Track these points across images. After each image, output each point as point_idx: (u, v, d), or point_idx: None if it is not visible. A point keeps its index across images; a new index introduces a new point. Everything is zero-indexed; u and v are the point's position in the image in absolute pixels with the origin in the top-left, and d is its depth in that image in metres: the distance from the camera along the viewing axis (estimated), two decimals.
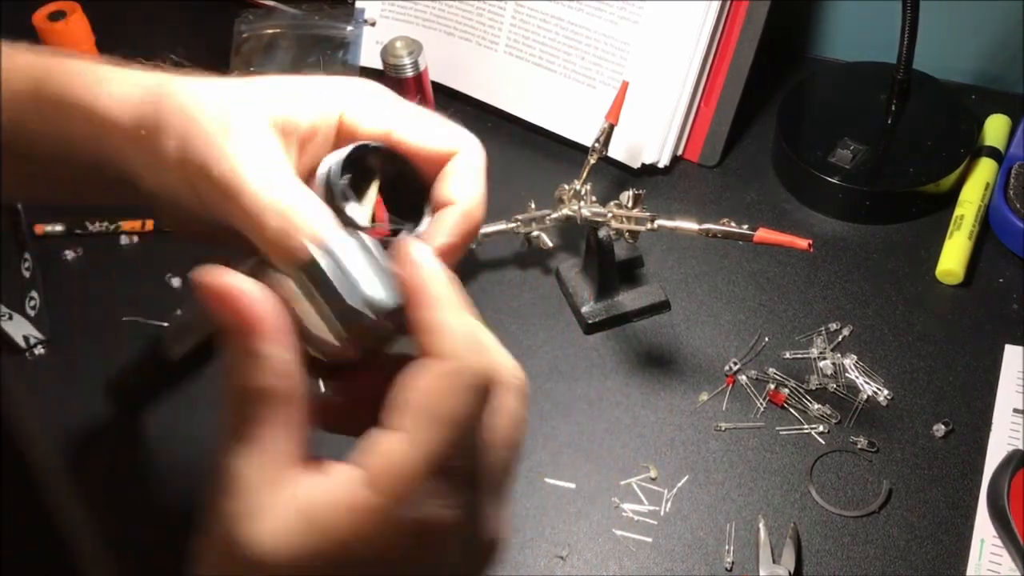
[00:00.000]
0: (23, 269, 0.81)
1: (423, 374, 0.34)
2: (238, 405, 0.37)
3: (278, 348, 0.36)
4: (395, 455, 0.33)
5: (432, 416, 0.33)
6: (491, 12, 0.89)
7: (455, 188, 0.43)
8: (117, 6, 1.04)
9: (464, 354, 0.34)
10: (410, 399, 0.34)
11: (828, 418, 0.67)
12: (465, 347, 0.35)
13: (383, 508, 0.33)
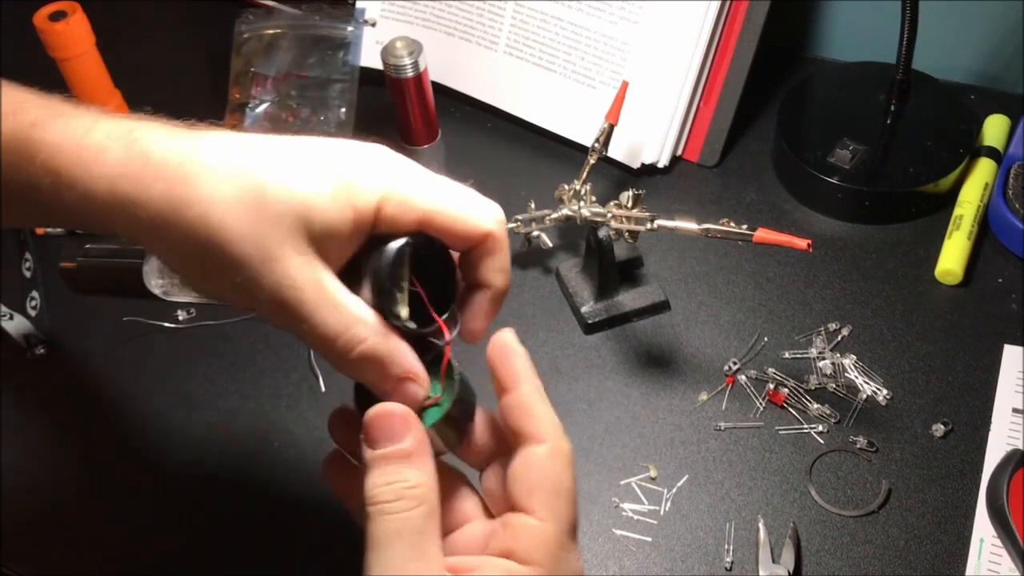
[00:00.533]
0: (24, 269, 0.81)
1: (536, 460, 0.42)
2: (391, 518, 0.40)
3: (428, 467, 0.42)
4: (540, 534, 0.41)
5: (555, 493, 0.42)
6: (491, 12, 0.89)
7: (489, 273, 0.45)
8: (117, 6, 1.04)
9: (557, 436, 0.43)
10: (534, 483, 0.42)
11: (827, 418, 0.67)
12: (555, 430, 0.43)
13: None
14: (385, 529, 0.40)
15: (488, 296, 0.46)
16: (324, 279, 0.41)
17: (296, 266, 0.40)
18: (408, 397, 0.43)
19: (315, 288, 0.41)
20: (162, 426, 0.71)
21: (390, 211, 0.42)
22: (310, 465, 0.68)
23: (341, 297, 0.42)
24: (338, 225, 0.41)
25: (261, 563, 0.64)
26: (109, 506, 0.67)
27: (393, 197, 0.42)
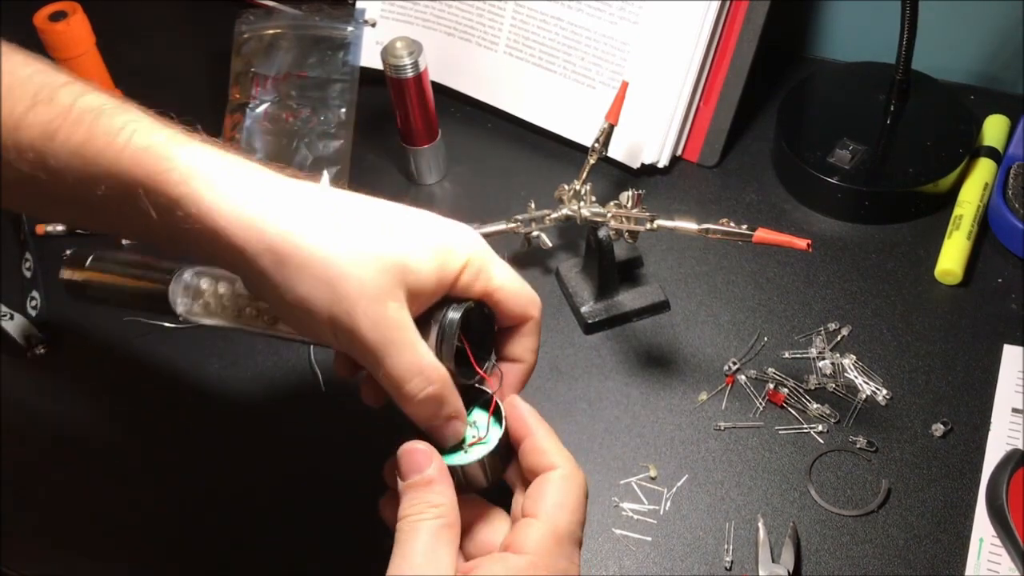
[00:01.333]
0: (24, 269, 0.81)
1: (549, 480, 0.49)
2: (411, 519, 0.48)
3: (449, 492, 0.49)
4: (537, 530, 0.48)
5: (559, 505, 0.48)
6: (491, 12, 0.89)
7: (525, 349, 0.54)
8: (117, 6, 1.04)
9: (570, 465, 0.50)
10: (542, 496, 0.49)
11: (827, 418, 0.67)
12: (567, 460, 0.50)
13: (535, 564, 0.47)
14: (405, 530, 0.47)
15: (522, 370, 0.55)
16: (410, 327, 0.48)
17: (392, 310, 0.47)
18: (454, 432, 0.51)
19: (401, 333, 0.48)
20: (162, 426, 0.72)
21: (465, 279, 0.50)
22: (310, 465, 0.68)
23: (420, 345, 0.49)
24: (427, 283, 0.49)
25: (261, 564, 0.64)
26: (109, 506, 0.67)
27: (471, 268, 0.50)
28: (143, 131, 0.49)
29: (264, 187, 0.48)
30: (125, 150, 0.48)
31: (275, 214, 0.47)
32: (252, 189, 0.48)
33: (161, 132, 0.49)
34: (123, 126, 0.49)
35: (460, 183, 0.88)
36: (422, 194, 0.87)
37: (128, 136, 0.48)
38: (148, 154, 0.48)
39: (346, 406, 0.71)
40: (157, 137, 0.49)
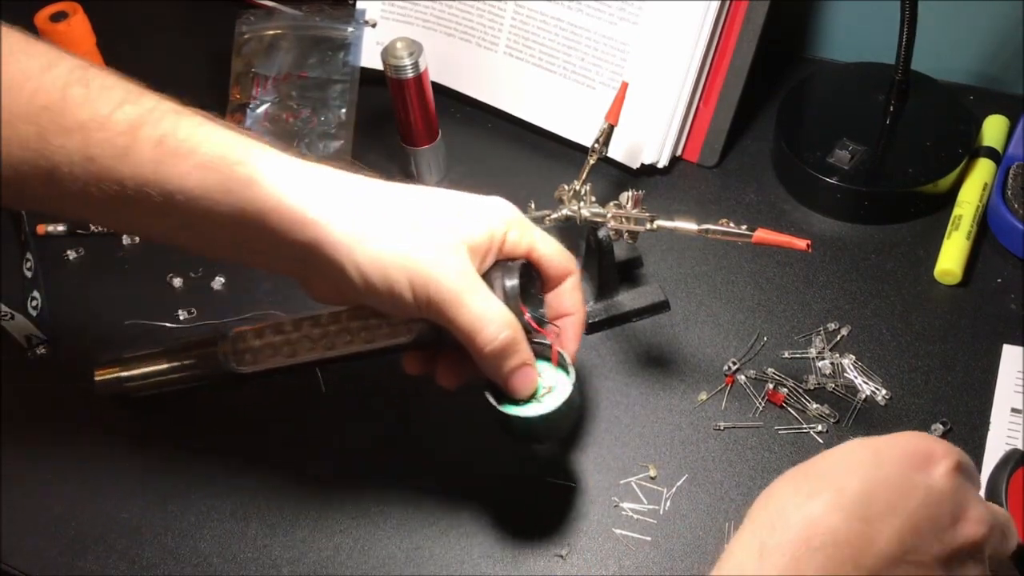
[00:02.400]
0: (25, 269, 0.82)
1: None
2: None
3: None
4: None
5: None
6: (491, 13, 0.89)
7: (574, 302, 0.62)
8: (117, 6, 1.04)
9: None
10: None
11: (827, 418, 0.67)
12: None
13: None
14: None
15: (577, 321, 0.61)
16: (479, 277, 0.55)
17: (463, 262, 0.54)
18: (530, 379, 0.57)
19: (476, 281, 0.54)
20: (164, 424, 0.72)
21: (511, 239, 0.58)
22: (310, 464, 0.68)
23: (491, 294, 0.55)
24: (482, 242, 0.56)
25: (261, 565, 0.64)
26: (110, 506, 0.67)
27: (514, 230, 0.58)
28: (218, 127, 0.54)
29: (328, 174, 0.55)
30: (203, 142, 0.53)
31: (349, 191, 0.54)
32: (320, 176, 0.54)
33: (232, 130, 0.55)
34: (201, 123, 0.54)
35: (460, 183, 0.87)
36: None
37: (208, 131, 0.54)
38: (224, 145, 0.53)
39: (346, 406, 0.72)
40: (230, 133, 0.54)
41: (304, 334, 0.64)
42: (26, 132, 0.52)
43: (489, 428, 0.68)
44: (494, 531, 0.64)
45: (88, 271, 0.83)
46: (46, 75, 0.53)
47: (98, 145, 0.53)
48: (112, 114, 0.53)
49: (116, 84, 0.55)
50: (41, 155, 0.53)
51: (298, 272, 0.57)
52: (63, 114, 0.53)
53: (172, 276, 0.81)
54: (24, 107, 0.52)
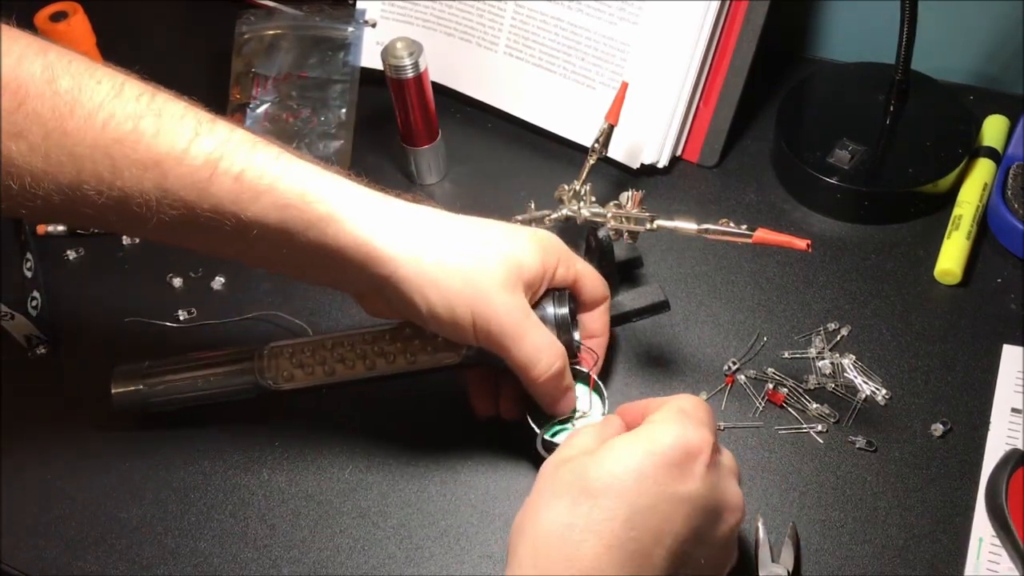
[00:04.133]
0: (25, 269, 0.82)
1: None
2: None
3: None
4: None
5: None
6: (491, 13, 0.89)
7: (603, 324, 0.66)
8: (117, 6, 1.04)
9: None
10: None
11: (827, 418, 0.67)
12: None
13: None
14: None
15: (603, 343, 0.67)
16: (533, 313, 0.59)
17: (520, 299, 0.58)
18: (571, 402, 0.62)
19: (531, 318, 0.58)
20: (164, 424, 0.72)
21: (561, 271, 0.62)
22: (310, 463, 0.68)
23: (543, 328, 0.59)
24: (536, 277, 0.60)
25: (260, 564, 0.64)
26: (110, 505, 0.67)
27: (563, 264, 0.62)
28: (294, 161, 0.56)
29: (400, 211, 0.58)
30: (282, 178, 0.54)
31: (415, 229, 0.57)
32: (393, 214, 0.57)
33: (307, 163, 0.57)
34: (277, 156, 0.55)
35: (460, 183, 0.88)
36: (422, 194, 0.87)
37: (285, 164, 0.55)
38: (303, 182, 0.55)
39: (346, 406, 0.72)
40: (307, 168, 0.56)
41: (345, 353, 0.66)
42: (101, 164, 0.53)
43: (489, 428, 0.68)
44: (494, 531, 0.64)
45: (88, 271, 0.83)
46: (116, 103, 0.53)
47: (176, 179, 0.53)
48: (189, 148, 0.53)
49: (185, 112, 0.55)
50: (113, 186, 0.53)
51: (362, 295, 0.61)
52: (136, 147, 0.53)
53: (172, 276, 0.81)
54: (97, 138, 0.52)
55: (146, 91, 0.55)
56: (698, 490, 0.49)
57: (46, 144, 0.52)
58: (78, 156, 0.52)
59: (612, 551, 0.47)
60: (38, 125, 0.51)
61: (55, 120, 0.52)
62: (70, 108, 0.52)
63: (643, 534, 0.48)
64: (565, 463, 0.51)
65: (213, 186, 0.53)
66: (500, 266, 0.58)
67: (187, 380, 0.68)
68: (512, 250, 0.59)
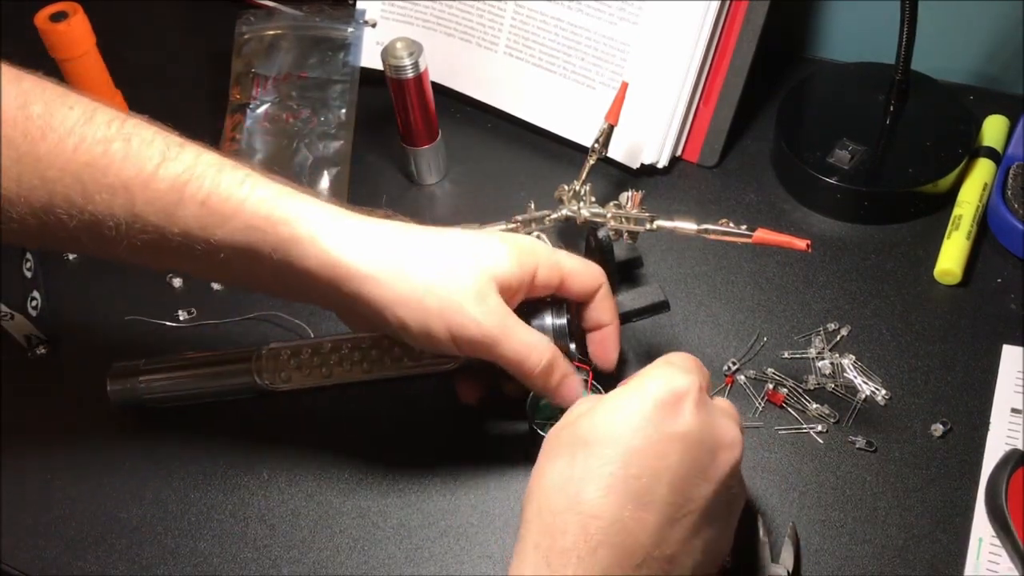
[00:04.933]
0: (24, 269, 0.82)
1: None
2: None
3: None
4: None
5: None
6: (491, 13, 0.89)
7: (607, 312, 0.65)
8: (117, 6, 1.04)
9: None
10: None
11: (826, 418, 0.67)
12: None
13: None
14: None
15: (612, 331, 0.65)
16: (513, 314, 0.58)
17: (496, 303, 0.57)
18: (573, 389, 0.60)
19: (510, 318, 0.58)
20: (164, 424, 0.72)
21: (543, 275, 0.60)
22: (310, 463, 0.68)
23: (525, 327, 0.59)
24: (513, 281, 0.59)
25: (260, 564, 0.64)
26: (110, 505, 0.67)
27: (544, 265, 0.60)
28: (259, 183, 0.56)
29: (366, 229, 0.57)
30: (247, 200, 0.55)
31: (380, 246, 0.56)
32: (359, 232, 0.57)
33: (272, 185, 0.57)
34: (242, 179, 0.55)
35: (460, 183, 0.88)
36: (422, 194, 0.87)
37: (249, 188, 0.55)
38: (268, 204, 0.55)
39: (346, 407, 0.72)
40: (272, 190, 0.56)
41: (343, 356, 0.66)
42: (72, 188, 0.54)
43: (489, 428, 0.68)
44: (494, 531, 0.64)
45: (88, 271, 0.83)
46: (87, 128, 0.54)
47: (144, 203, 0.54)
48: (156, 172, 0.54)
49: (155, 137, 0.56)
50: (84, 210, 0.54)
51: (339, 311, 0.61)
52: (106, 172, 0.54)
53: (172, 276, 0.81)
54: (67, 162, 0.53)
55: (117, 117, 0.56)
56: (690, 426, 0.50)
57: (18, 168, 0.53)
58: (49, 180, 0.53)
59: (612, 492, 0.48)
60: (10, 149, 0.53)
61: (27, 144, 0.53)
62: (42, 132, 0.53)
63: (641, 471, 0.49)
64: (564, 427, 0.53)
65: (180, 210, 0.54)
66: (470, 275, 0.57)
67: (183, 379, 0.69)
68: (482, 256, 0.58)
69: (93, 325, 0.79)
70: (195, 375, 0.69)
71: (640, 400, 0.51)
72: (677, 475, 0.49)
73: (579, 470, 0.49)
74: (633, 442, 0.49)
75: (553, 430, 0.54)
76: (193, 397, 0.69)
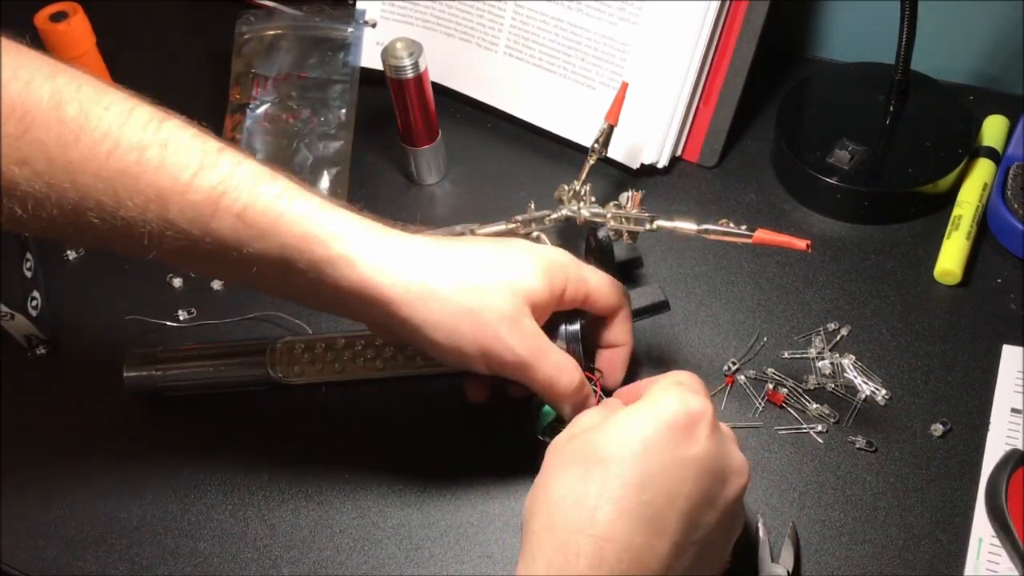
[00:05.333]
0: (25, 269, 0.82)
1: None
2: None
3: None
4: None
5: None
6: (491, 13, 0.89)
7: (624, 333, 0.65)
8: (117, 6, 1.04)
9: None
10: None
11: (826, 418, 0.67)
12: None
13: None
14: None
15: (625, 352, 0.65)
16: (544, 336, 0.59)
17: (529, 326, 0.58)
18: (591, 404, 0.61)
19: (542, 342, 0.58)
20: (164, 424, 0.72)
21: (570, 291, 0.60)
22: (310, 463, 0.68)
23: (556, 348, 0.59)
24: (543, 300, 0.59)
25: (260, 564, 0.64)
26: (110, 505, 0.67)
27: (572, 282, 0.60)
28: (296, 198, 0.55)
29: (401, 249, 0.57)
30: (283, 216, 0.54)
31: (415, 267, 0.56)
32: (394, 252, 0.56)
33: (310, 199, 0.56)
34: (279, 193, 0.55)
35: (460, 183, 0.88)
36: (422, 194, 0.87)
37: (286, 203, 0.55)
38: (305, 222, 0.55)
39: (347, 407, 0.72)
40: (309, 204, 0.55)
41: (357, 352, 0.67)
42: (104, 193, 0.53)
43: (490, 428, 0.68)
44: (494, 531, 0.64)
45: (88, 271, 0.83)
46: (122, 131, 0.53)
47: (178, 212, 0.53)
48: (192, 182, 0.53)
49: (192, 143, 0.54)
50: (116, 215, 0.53)
51: (370, 326, 0.61)
52: (139, 179, 0.52)
53: (172, 276, 0.81)
54: (101, 168, 0.52)
55: (155, 118, 0.54)
56: (704, 451, 0.50)
57: (50, 171, 0.52)
58: (81, 185, 0.52)
59: (626, 516, 0.48)
60: (42, 152, 0.51)
61: (59, 148, 0.52)
62: (76, 136, 0.52)
63: (655, 497, 0.48)
64: (573, 439, 0.52)
65: (215, 222, 0.53)
66: (504, 299, 0.57)
67: (198, 368, 0.69)
68: (516, 277, 0.58)
69: (93, 325, 0.79)
70: (210, 365, 0.69)
71: (656, 421, 0.50)
72: (689, 501, 0.49)
73: (594, 488, 0.49)
74: (649, 466, 0.49)
75: (558, 440, 0.54)
76: (206, 387, 0.70)
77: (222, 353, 0.70)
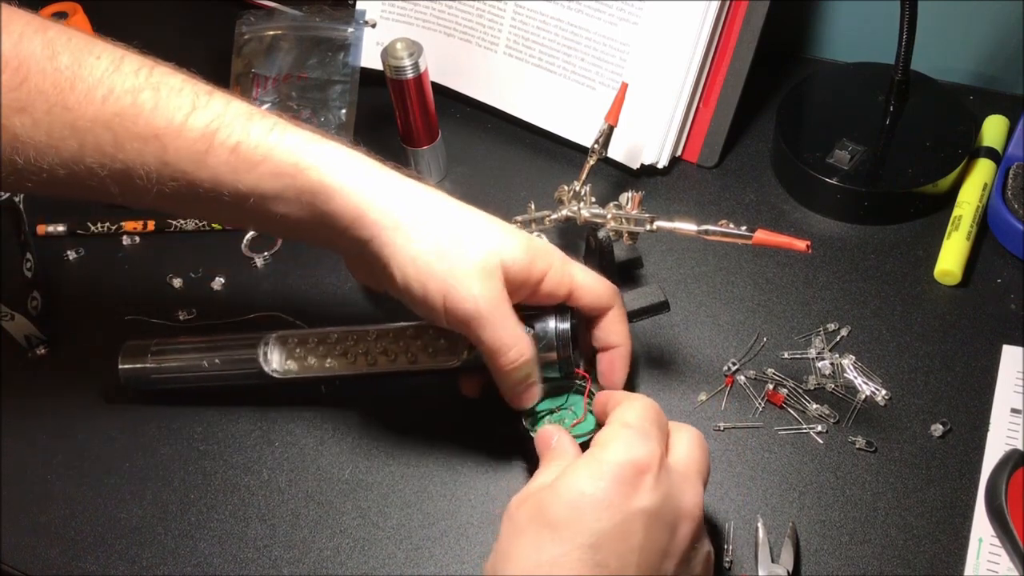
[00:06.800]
0: (25, 269, 0.82)
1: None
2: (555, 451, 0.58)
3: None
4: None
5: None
6: (491, 13, 0.89)
7: (617, 334, 0.64)
8: (117, 6, 1.04)
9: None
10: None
11: (826, 418, 0.67)
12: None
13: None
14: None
15: (621, 354, 0.64)
16: (509, 304, 0.58)
17: (497, 288, 0.57)
18: (534, 395, 0.62)
19: (506, 306, 0.58)
20: (164, 424, 0.72)
21: (552, 280, 0.60)
22: (310, 463, 0.68)
23: (516, 320, 0.58)
24: (519, 274, 0.58)
25: (260, 564, 0.64)
26: (110, 506, 0.67)
27: (555, 271, 0.60)
28: (289, 130, 0.57)
29: (391, 183, 0.58)
30: (276, 148, 0.56)
31: (401, 202, 0.57)
32: (384, 184, 0.57)
33: (301, 132, 0.57)
34: (271, 127, 0.56)
35: (460, 183, 0.88)
36: None
37: (279, 135, 0.56)
38: (297, 151, 0.56)
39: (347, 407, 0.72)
40: (300, 136, 0.57)
41: (348, 347, 0.67)
42: (103, 137, 0.54)
43: (489, 428, 0.68)
44: (494, 531, 0.64)
45: (88, 271, 0.83)
46: (115, 77, 0.55)
47: (175, 152, 0.55)
48: (186, 121, 0.55)
49: (183, 86, 0.56)
50: (115, 159, 0.55)
51: (348, 255, 0.62)
52: (136, 121, 0.55)
53: (172, 276, 0.81)
54: (98, 112, 0.54)
55: (144, 64, 0.56)
56: (651, 503, 0.50)
57: (49, 119, 0.53)
58: (80, 130, 0.54)
59: None
60: (41, 100, 0.53)
61: (57, 95, 0.54)
62: (70, 83, 0.54)
63: (608, 557, 0.48)
64: (524, 501, 0.52)
65: (211, 158, 0.55)
66: (480, 253, 0.57)
67: (192, 361, 0.69)
68: (497, 241, 0.58)
69: (93, 325, 0.79)
70: (203, 358, 0.69)
71: (602, 478, 0.49)
72: (642, 555, 0.49)
73: (547, 556, 0.48)
74: (598, 525, 0.48)
75: (514, 502, 0.52)
76: (199, 380, 0.70)
77: (216, 346, 0.70)
